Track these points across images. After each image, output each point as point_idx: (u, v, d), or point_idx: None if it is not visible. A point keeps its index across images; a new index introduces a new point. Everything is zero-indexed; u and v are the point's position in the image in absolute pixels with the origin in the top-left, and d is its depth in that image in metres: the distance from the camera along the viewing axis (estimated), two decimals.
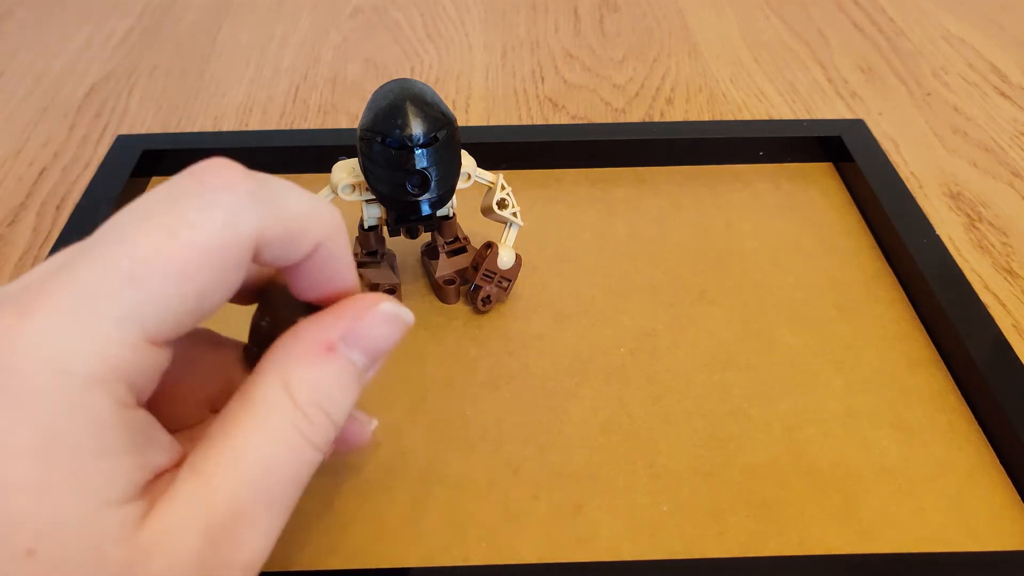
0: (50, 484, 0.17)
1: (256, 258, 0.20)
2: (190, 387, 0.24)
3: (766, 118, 0.53)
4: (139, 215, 0.19)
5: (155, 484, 0.20)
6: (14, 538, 0.17)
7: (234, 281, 0.20)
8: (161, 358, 0.19)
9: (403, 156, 0.32)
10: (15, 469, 0.17)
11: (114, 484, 0.18)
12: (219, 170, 0.20)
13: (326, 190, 0.36)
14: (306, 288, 0.22)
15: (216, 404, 0.25)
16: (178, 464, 0.21)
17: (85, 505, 0.18)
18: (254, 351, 0.23)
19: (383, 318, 0.23)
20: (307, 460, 0.21)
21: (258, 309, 0.24)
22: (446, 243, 0.38)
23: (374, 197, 0.35)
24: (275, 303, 0.24)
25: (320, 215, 0.21)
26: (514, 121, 0.53)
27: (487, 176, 0.37)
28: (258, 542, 0.20)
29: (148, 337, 0.18)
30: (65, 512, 0.17)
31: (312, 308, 0.23)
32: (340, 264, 0.22)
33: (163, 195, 0.19)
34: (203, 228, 0.19)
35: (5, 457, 0.17)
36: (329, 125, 0.53)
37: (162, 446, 0.20)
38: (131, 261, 0.18)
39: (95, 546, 0.17)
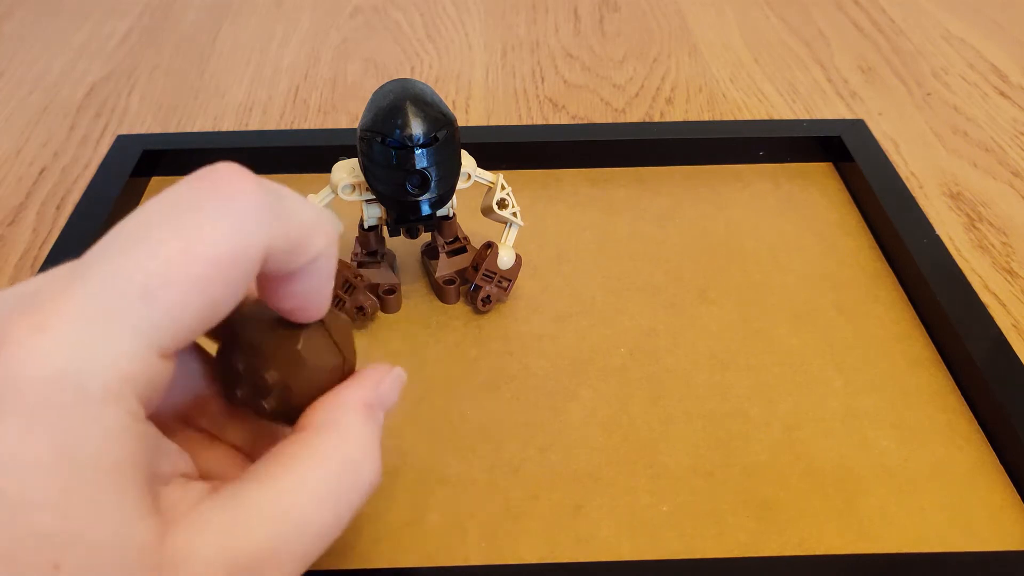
0: (71, 500, 0.17)
1: (260, 267, 0.20)
2: (164, 402, 0.24)
3: (766, 118, 0.53)
4: (151, 224, 0.19)
5: (173, 494, 0.19)
6: (40, 553, 0.17)
7: (242, 291, 0.19)
8: (169, 369, 0.19)
9: (403, 156, 0.32)
10: (36, 485, 0.17)
11: (131, 498, 0.18)
12: (230, 178, 0.19)
13: (326, 190, 0.36)
14: (285, 297, 0.22)
15: (189, 419, 0.24)
16: (186, 472, 0.20)
17: (106, 519, 0.17)
18: (238, 394, 0.23)
19: (396, 380, 0.24)
20: (343, 518, 0.21)
21: (224, 349, 0.24)
22: (446, 243, 0.38)
23: (374, 197, 0.35)
24: (242, 339, 0.23)
25: (323, 227, 0.21)
26: (514, 121, 0.53)
27: (487, 176, 0.37)
28: None
29: (160, 350, 0.18)
30: (87, 527, 0.17)
31: (284, 326, 0.23)
32: (327, 277, 0.22)
33: (174, 202, 0.19)
34: (217, 241, 0.18)
35: (24, 473, 0.17)
36: (329, 125, 0.53)
37: (168, 455, 0.20)
38: (145, 275, 0.18)
39: (120, 559, 0.17)
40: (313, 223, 0.21)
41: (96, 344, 0.17)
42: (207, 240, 0.18)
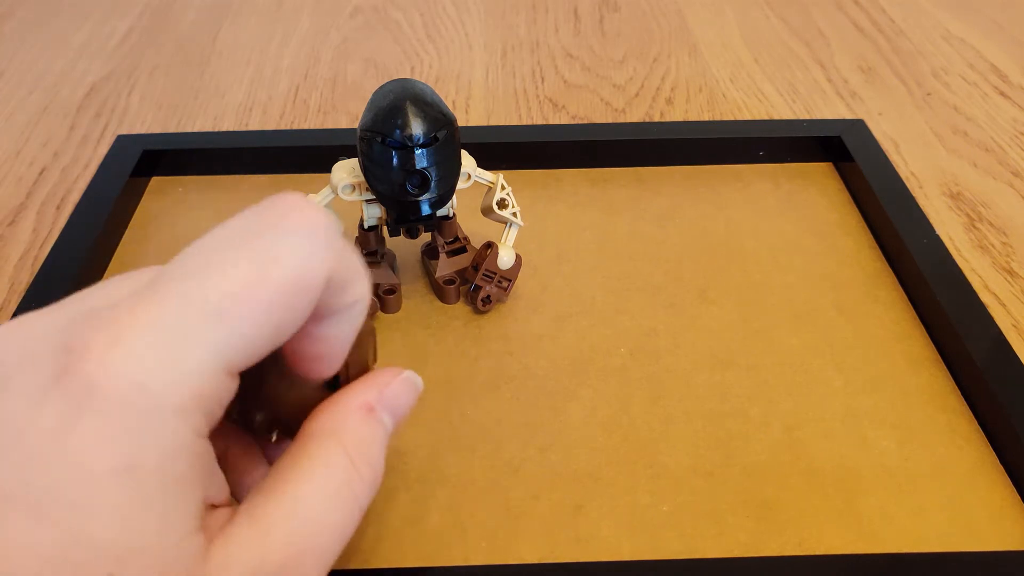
0: (132, 510, 0.17)
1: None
2: None
3: (766, 118, 0.53)
4: (223, 247, 0.20)
5: (210, 518, 0.20)
6: (96, 563, 0.17)
7: (306, 315, 0.20)
8: (233, 387, 0.20)
9: (403, 156, 0.32)
10: (100, 492, 0.17)
11: (187, 514, 0.18)
12: (297, 206, 0.20)
13: (326, 190, 0.36)
14: (314, 341, 0.22)
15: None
16: (226, 502, 0.21)
17: (164, 533, 0.18)
18: (265, 420, 0.24)
19: (405, 384, 0.24)
20: (354, 517, 0.22)
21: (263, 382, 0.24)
22: (446, 243, 0.38)
23: (374, 197, 0.35)
24: (278, 374, 0.24)
25: (364, 272, 0.22)
26: (514, 121, 0.53)
27: (487, 176, 0.37)
28: None
29: (228, 368, 0.19)
30: (145, 539, 0.18)
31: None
32: (356, 328, 0.23)
33: (243, 228, 0.20)
34: (287, 265, 0.19)
35: (91, 480, 0.17)
36: (329, 125, 0.53)
37: (218, 481, 0.21)
38: (219, 295, 0.18)
39: (170, 573, 0.18)
40: (359, 266, 0.22)
41: (170, 360, 0.18)
42: (279, 263, 0.19)
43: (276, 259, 0.19)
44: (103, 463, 0.17)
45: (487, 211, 0.37)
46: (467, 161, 0.36)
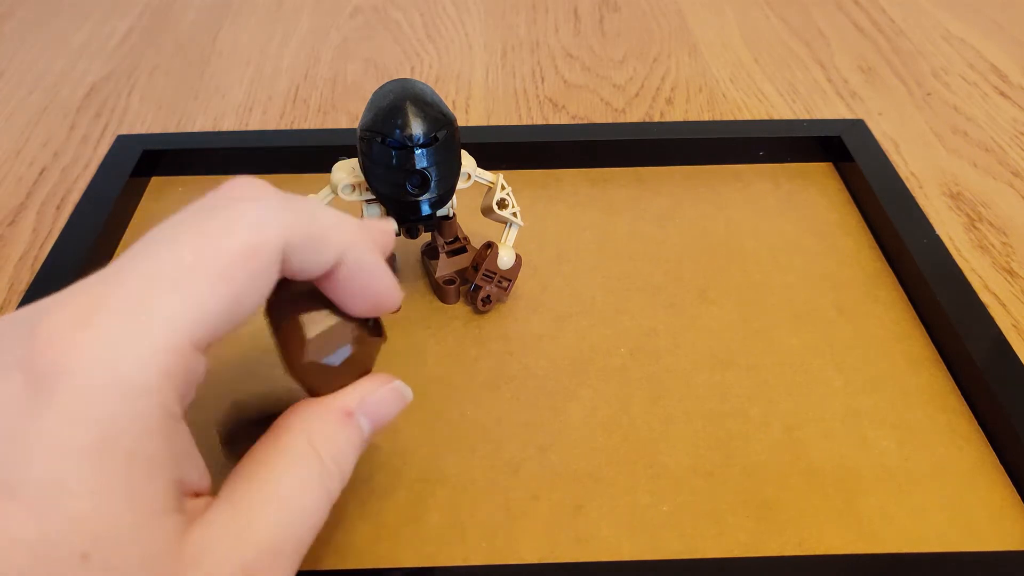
0: (106, 489, 0.17)
1: (285, 265, 0.21)
2: None
3: (766, 118, 0.53)
4: (176, 227, 0.20)
5: (190, 504, 0.20)
6: (70, 542, 0.17)
7: (265, 285, 0.21)
8: (202, 364, 0.20)
9: (403, 156, 0.32)
10: (73, 471, 0.17)
11: (161, 494, 0.19)
12: (246, 184, 0.22)
13: (326, 190, 0.36)
14: (347, 300, 0.24)
15: None
16: (207, 490, 0.21)
17: (138, 512, 0.18)
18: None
19: (392, 394, 0.25)
20: (325, 508, 0.22)
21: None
22: (446, 243, 0.38)
23: (374, 197, 0.35)
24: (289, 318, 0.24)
25: (344, 225, 0.22)
26: (514, 121, 0.53)
27: (487, 176, 0.37)
28: None
29: (193, 342, 0.19)
30: (119, 518, 0.18)
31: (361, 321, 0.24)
32: (372, 273, 0.23)
33: (195, 210, 0.21)
34: (236, 233, 0.20)
35: (65, 461, 0.17)
36: (329, 125, 0.53)
37: (196, 465, 0.21)
38: (174, 269, 0.19)
39: (146, 554, 0.18)
40: (333, 222, 0.22)
41: (136, 338, 0.18)
42: (228, 233, 0.20)
43: (226, 228, 0.20)
44: (74, 442, 0.17)
45: (487, 211, 0.37)
46: (467, 161, 0.36)
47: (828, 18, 0.65)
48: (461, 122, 0.52)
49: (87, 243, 0.39)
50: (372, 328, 0.25)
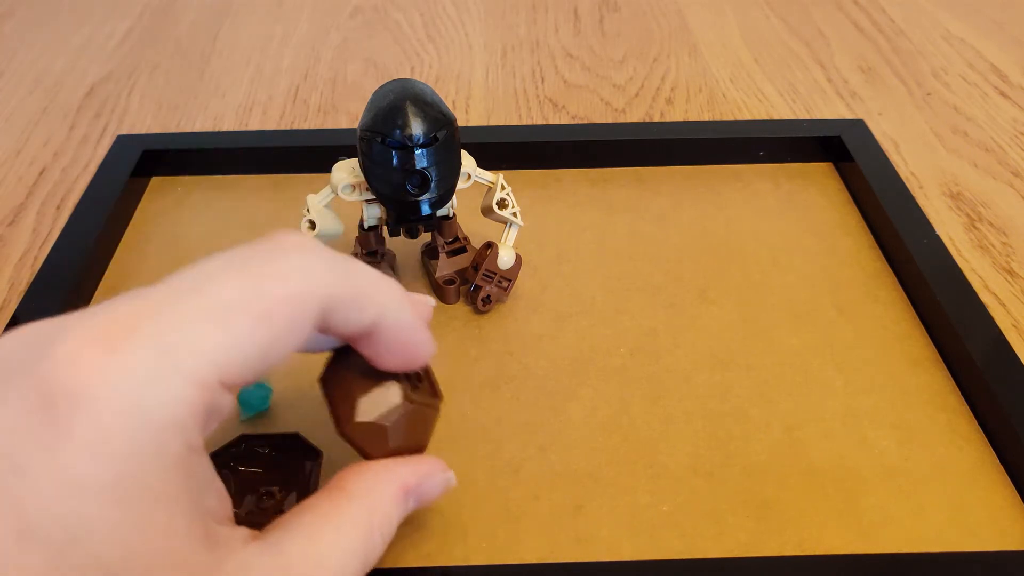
0: (129, 527, 0.17)
1: (326, 320, 0.21)
2: None
3: (766, 118, 0.53)
4: (223, 264, 0.20)
5: (220, 533, 0.20)
6: None
7: (302, 333, 0.20)
8: (228, 401, 0.20)
9: (403, 156, 0.32)
10: (93, 509, 0.17)
11: (184, 530, 0.18)
12: (295, 236, 0.22)
13: (326, 190, 0.36)
14: (382, 356, 0.24)
15: None
16: (228, 517, 0.21)
17: (163, 551, 0.17)
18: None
19: (442, 482, 0.26)
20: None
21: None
22: (446, 243, 0.38)
23: (374, 197, 0.35)
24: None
25: (383, 285, 0.23)
26: (514, 121, 0.53)
27: (487, 176, 0.37)
28: None
29: (222, 379, 0.19)
30: (144, 558, 0.17)
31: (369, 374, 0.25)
32: (408, 333, 0.23)
33: (239, 253, 0.21)
34: (282, 279, 0.20)
35: (83, 497, 0.17)
36: (329, 125, 0.53)
37: (216, 493, 0.20)
38: (217, 304, 0.19)
39: None
40: (375, 281, 0.22)
41: (163, 369, 0.18)
42: (273, 277, 0.20)
43: (273, 274, 0.20)
44: (95, 479, 0.17)
45: (487, 211, 0.37)
46: (467, 161, 0.36)
47: (828, 18, 0.65)
48: (461, 122, 0.52)
49: (87, 243, 0.39)
50: (428, 390, 0.26)
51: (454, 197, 0.36)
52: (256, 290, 0.19)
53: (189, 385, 0.18)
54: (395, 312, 0.23)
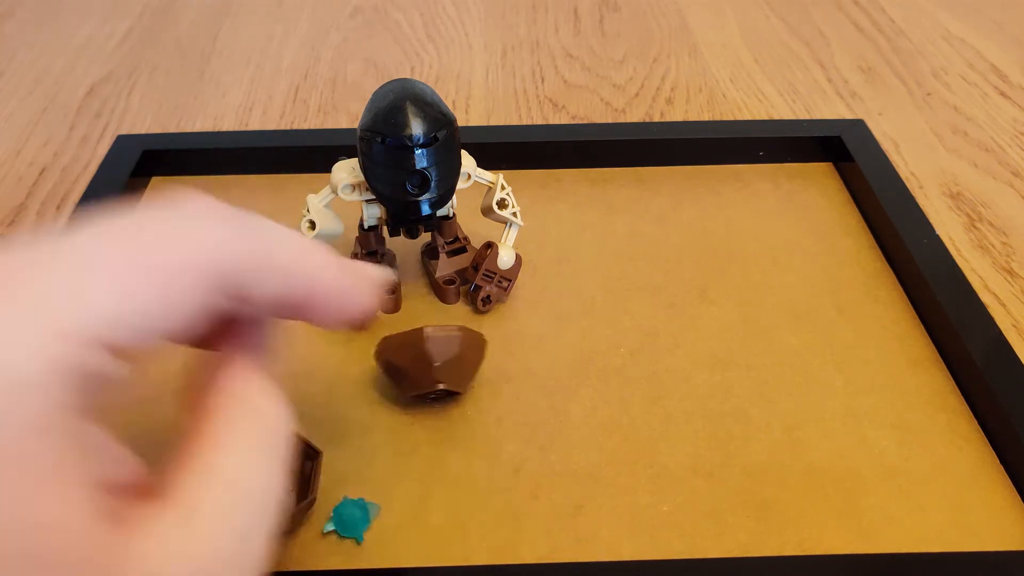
0: (6, 501, 0.15)
1: (237, 288, 0.19)
2: None
3: (766, 118, 0.53)
4: (110, 224, 0.18)
5: (119, 505, 0.17)
6: None
7: (191, 300, 0.19)
8: (121, 368, 0.18)
9: (403, 156, 0.32)
10: None
11: (76, 501, 0.16)
12: (201, 199, 0.20)
13: (326, 190, 0.36)
14: (316, 320, 0.22)
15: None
16: (138, 482, 0.19)
17: (49, 525, 0.15)
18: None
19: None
20: (280, 475, 0.20)
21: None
22: (446, 243, 0.38)
23: (374, 197, 0.35)
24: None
25: (293, 244, 0.21)
26: (514, 121, 0.53)
27: (487, 176, 0.37)
28: None
29: (100, 340, 0.17)
30: (15, 519, 0.15)
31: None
32: (331, 290, 0.22)
33: (139, 212, 0.19)
34: (169, 237, 0.18)
35: None
36: (329, 125, 0.53)
37: (116, 457, 0.19)
38: (89, 261, 0.17)
39: (78, 571, 0.16)
40: (279, 238, 0.21)
41: (24, 328, 0.16)
42: (161, 239, 0.18)
43: (162, 233, 0.18)
44: None
45: (487, 211, 0.37)
46: (467, 161, 0.36)
47: (828, 18, 0.65)
48: (461, 122, 0.52)
49: None
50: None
51: (454, 197, 0.36)
52: (139, 250, 0.18)
53: (52, 339, 0.16)
54: (312, 270, 0.21)
